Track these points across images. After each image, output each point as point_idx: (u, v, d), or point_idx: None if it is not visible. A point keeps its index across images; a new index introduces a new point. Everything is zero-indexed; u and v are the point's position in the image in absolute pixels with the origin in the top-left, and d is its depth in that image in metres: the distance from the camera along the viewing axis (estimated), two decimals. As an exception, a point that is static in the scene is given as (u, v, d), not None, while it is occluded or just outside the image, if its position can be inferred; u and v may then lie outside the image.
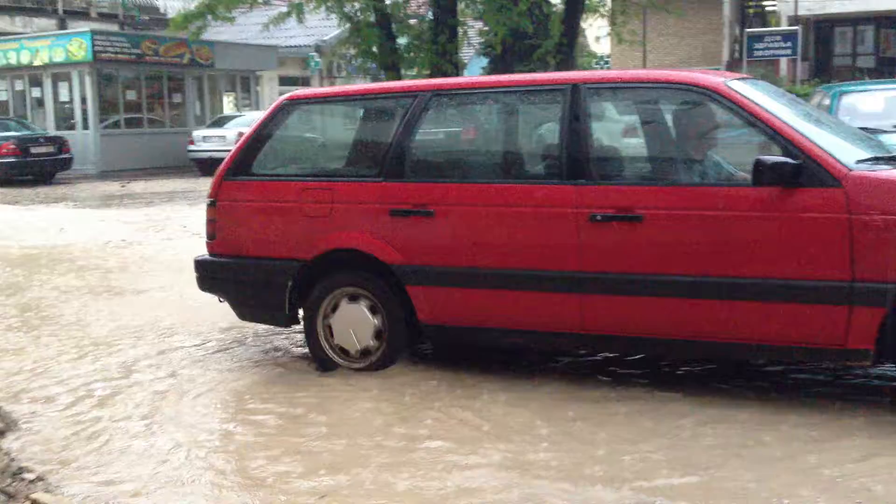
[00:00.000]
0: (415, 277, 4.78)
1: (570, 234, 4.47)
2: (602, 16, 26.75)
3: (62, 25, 26.50)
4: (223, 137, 22.45)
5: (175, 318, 6.48)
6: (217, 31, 26.68)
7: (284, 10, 21.53)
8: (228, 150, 22.25)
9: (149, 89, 25.06)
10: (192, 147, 22.78)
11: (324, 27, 29.99)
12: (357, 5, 21.65)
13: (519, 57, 28.39)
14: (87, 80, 23.19)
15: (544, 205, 4.54)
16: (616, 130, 5.26)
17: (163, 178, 21.15)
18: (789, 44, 28.16)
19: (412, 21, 23.56)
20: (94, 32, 23.37)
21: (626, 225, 4.38)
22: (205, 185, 19.26)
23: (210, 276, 5.41)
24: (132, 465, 3.82)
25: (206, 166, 22.82)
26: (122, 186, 19.01)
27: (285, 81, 32.31)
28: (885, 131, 9.71)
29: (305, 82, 33.46)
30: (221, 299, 5.46)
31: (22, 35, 25.30)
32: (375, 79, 24.12)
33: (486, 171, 5.10)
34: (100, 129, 23.31)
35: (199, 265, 5.45)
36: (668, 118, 4.99)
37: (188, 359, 5.44)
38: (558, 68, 25.13)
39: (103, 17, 28.62)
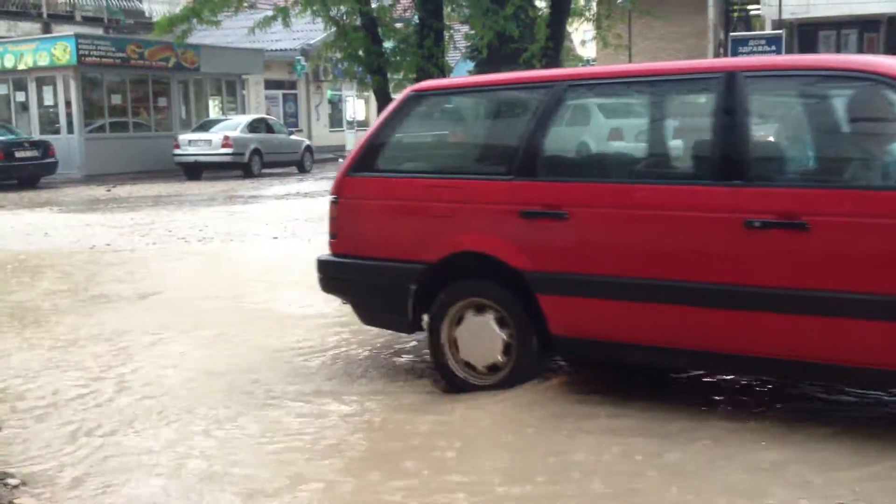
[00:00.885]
0: (546, 285, 4.36)
1: (721, 242, 3.97)
2: (587, 20, 26.78)
3: (46, 29, 26.39)
4: (209, 141, 22.42)
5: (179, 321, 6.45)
6: (203, 35, 26.57)
7: (270, 13, 21.48)
8: (214, 154, 22.25)
9: (134, 93, 24.98)
10: (177, 151, 22.72)
11: (310, 31, 29.95)
12: (343, 9, 21.59)
13: (505, 60, 28.47)
14: (72, 83, 23.10)
15: (691, 209, 4.05)
16: (775, 124, 4.65)
17: (148, 183, 21.09)
18: (773, 48, 28.31)
19: (398, 25, 23.56)
20: (78, 36, 23.29)
21: (788, 233, 3.84)
22: (190, 188, 19.30)
23: (331, 277, 5.11)
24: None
25: (191, 170, 22.80)
26: (108, 191, 18.94)
27: (271, 85, 32.29)
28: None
29: (291, 86, 33.45)
30: (344, 301, 5.22)
31: (6, 39, 25.16)
32: (361, 83, 24.14)
33: (626, 169, 4.62)
34: (85, 134, 23.22)
35: (322, 265, 5.14)
36: (838, 110, 4.33)
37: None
38: (544, 72, 25.25)
39: (88, 20, 28.48)
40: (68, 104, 23.31)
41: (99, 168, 22.77)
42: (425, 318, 4.79)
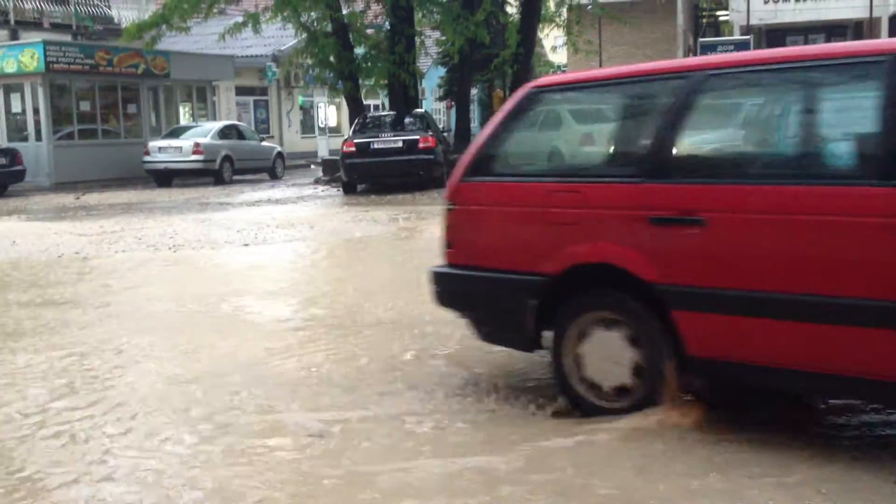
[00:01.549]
0: (681, 300, 3.90)
1: (884, 251, 3.46)
2: (558, 26, 27.01)
3: (14, 36, 26.11)
4: (179, 148, 22.29)
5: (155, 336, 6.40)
6: (172, 42, 26.49)
7: (240, 20, 21.46)
8: (185, 161, 22.07)
9: (103, 100, 24.77)
10: (147, 158, 22.56)
11: (281, 37, 29.90)
12: (314, 15, 21.65)
13: (477, 66, 28.57)
14: (40, 90, 22.88)
15: (847, 213, 3.53)
16: None
17: (118, 190, 20.92)
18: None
19: (369, 31, 23.60)
20: (46, 43, 23.07)
21: None
22: (160, 196, 19.19)
23: (447, 290, 4.75)
24: None
25: (161, 177, 22.65)
26: (77, 199, 18.76)
27: (242, 91, 32.18)
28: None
29: (263, 92, 33.35)
30: (463, 317, 4.84)
31: (-27, 46, 24.88)
32: (332, 89, 24.12)
33: (771, 170, 4.09)
34: (53, 141, 23.00)
35: (437, 278, 4.77)
36: None
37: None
38: (515, 78, 25.35)
39: (56, 27, 28.23)
40: (36, 111, 23.09)
41: (68, 176, 22.55)
42: (546, 334, 4.41)
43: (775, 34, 34.97)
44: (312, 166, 27.97)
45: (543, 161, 5.18)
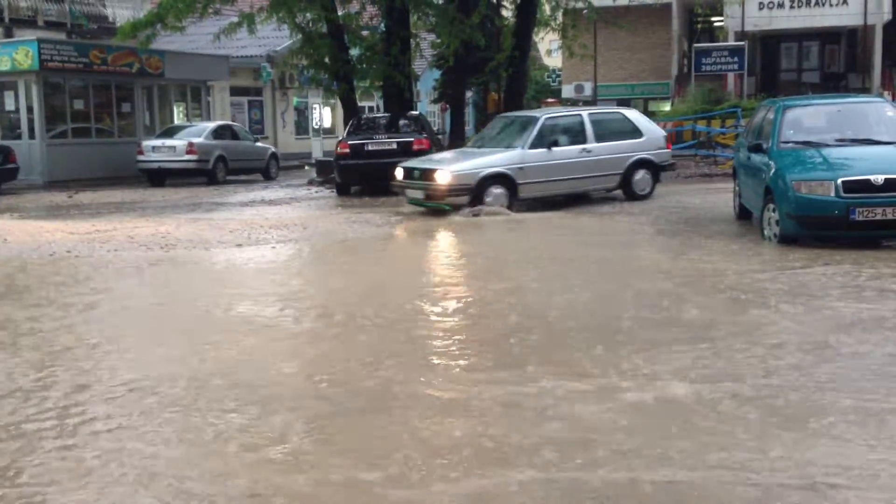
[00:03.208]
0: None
1: None
2: (553, 29, 27.00)
3: (8, 34, 26.07)
4: (173, 148, 22.24)
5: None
6: (167, 41, 26.46)
7: (236, 20, 21.44)
8: (178, 161, 22.11)
9: (97, 99, 24.71)
10: (141, 157, 22.50)
11: (276, 38, 29.89)
12: (309, 16, 21.64)
13: (472, 69, 28.59)
14: (34, 88, 22.83)
15: None
16: None
17: (111, 189, 20.86)
18: (736, 59, 28.68)
19: (364, 32, 23.60)
20: (40, 41, 23.02)
21: None
22: (154, 195, 19.15)
23: None
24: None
25: (155, 177, 22.60)
26: (70, 197, 18.71)
27: (237, 92, 32.15)
28: (828, 145, 9.92)
29: (257, 92, 33.33)
30: None
31: (-34, 43, 24.81)
32: (327, 90, 24.12)
33: None
34: (46, 139, 22.94)
35: None
36: None
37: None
38: (510, 81, 25.37)
39: (51, 25, 28.19)
40: (30, 109, 23.03)
41: (61, 174, 22.50)
42: None
43: (770, 40, 35.09)
44: (306, 167, 27.93)
45: None
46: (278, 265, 9.58)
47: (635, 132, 14.98)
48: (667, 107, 35.60)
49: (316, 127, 35.90)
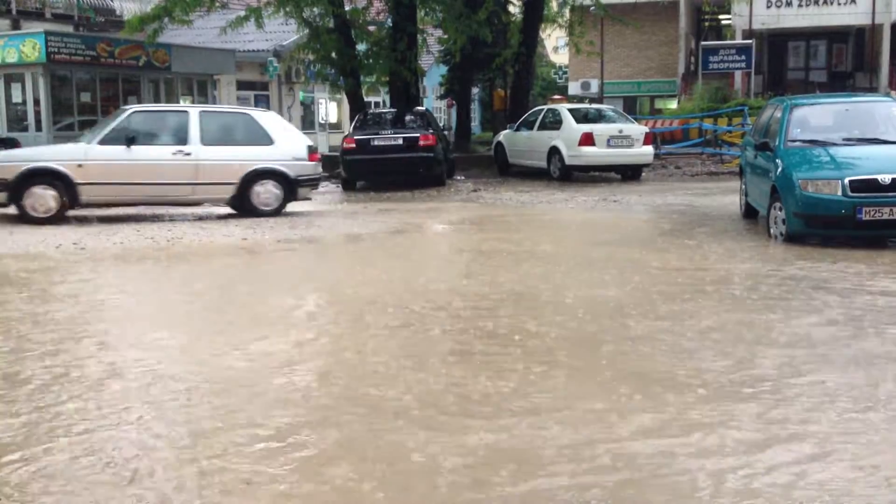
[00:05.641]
0: None
1: None
2: (560, 26, 27.00)
3: (16, 26, 26.07)
4: (179, 141, 22.22)
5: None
6: (174, 34, 26.47)
7: (243, 14, 21.45)
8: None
9: (104, 92, 24.74)
10: (147, 150, 22.44)
11: (282, 32, 29.88)
12: (316, 10, 21.65)
13: (478, 65, 28.59)
14: (41, 81, 22.86)
15: None
16: None
17: (117, 182, 20.83)
18: (743, 57, 28.64)
19: (371, 28, 23.60)
20: (48, 33, 23.04)
21: None
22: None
23: None
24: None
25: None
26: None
27: (243, 86, 32.15)
28: (835, 144, 9.91)
29: (264, 87, 33.32)
30: None
31: (-26, 35, 24.84)
32: (333, 85, 24.14)
33: None
34: (53, 132, 22.95)
35: None
36: None
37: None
38: (516, 78, 25.36)
39: (58, 17, 28.18)
40: (37, 102, 23.05)
41: (67, 167, 22.51)
42: None
43: (777, 39, 35.01)
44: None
45: None
46: (287, 258, 9.60)
47: (264, 138, 12.99)
48: (673, 105, 35.57)
49: (322, 122, 35.90)
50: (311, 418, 4.27)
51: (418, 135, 17.91)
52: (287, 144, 13.12)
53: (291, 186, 13.02)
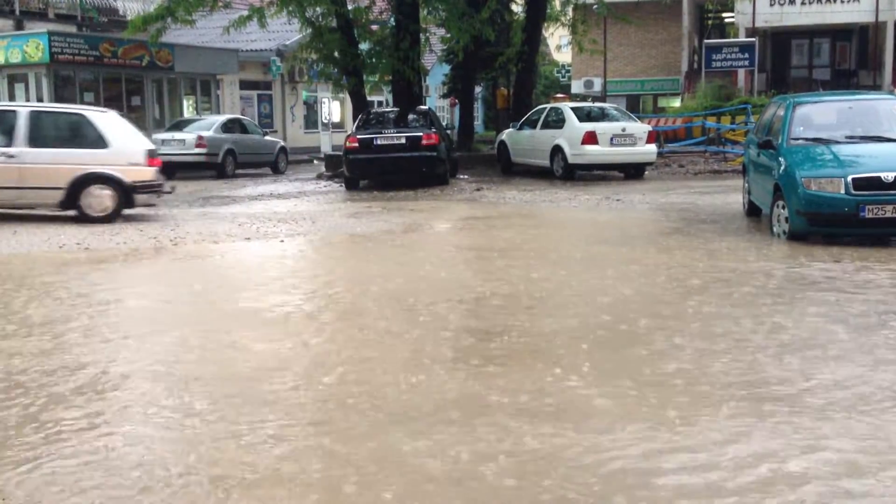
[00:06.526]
0: None
1: None
2: (563, 25, 26.98)
3: (19, 26, 26.13)
4: (182, 141, 22.28)
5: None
6: (177, 34, 26.50)
7: (246, 13, 21.46)
8: (188, 154, 21.84)
9: (107, 92, 24.80)
10: (150, 150, 22.46)
11: (285, 32, 29.91)
12: (319, 10, 21.65)
13: (481, 64, 28.59)
14: (44, 81, 22.92)
15: None
16: None
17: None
18: (747, 55, 28.60)
19: (374, 27, 23.59)
20: (51, 33, 23.10)
21: None
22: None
23: None
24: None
25: (164, 170, 22.57)
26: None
27: (246, 85, 32.18)
28: (838, 142, 9.89)
29: (267, 86, 33.36)
30: None
31: (-23, 35, 24.90)
32: (336, 84, 24.16)
33: None
34: (56, 132, 22.99)
35: None
36: None
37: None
38: (519, 76, 25.36)
39: (61, 18, 28.23)
40: (40, 101, 23.11)
41: (70, 167, 22.54)
42: None
43: (780, 37, 34.98)
44: (315, 161, 27.95)
45: None
46: (291, 257, 9.60)
47: (98, 141, 12.23)
48: (676, 103, 35.54)
49: (325, 121, 35.93)
50: (311, 419, 4.28)
51: (421, 134, 17.89)
52: (123, 148, 12.39)
53: (126, 193, 12.30)
